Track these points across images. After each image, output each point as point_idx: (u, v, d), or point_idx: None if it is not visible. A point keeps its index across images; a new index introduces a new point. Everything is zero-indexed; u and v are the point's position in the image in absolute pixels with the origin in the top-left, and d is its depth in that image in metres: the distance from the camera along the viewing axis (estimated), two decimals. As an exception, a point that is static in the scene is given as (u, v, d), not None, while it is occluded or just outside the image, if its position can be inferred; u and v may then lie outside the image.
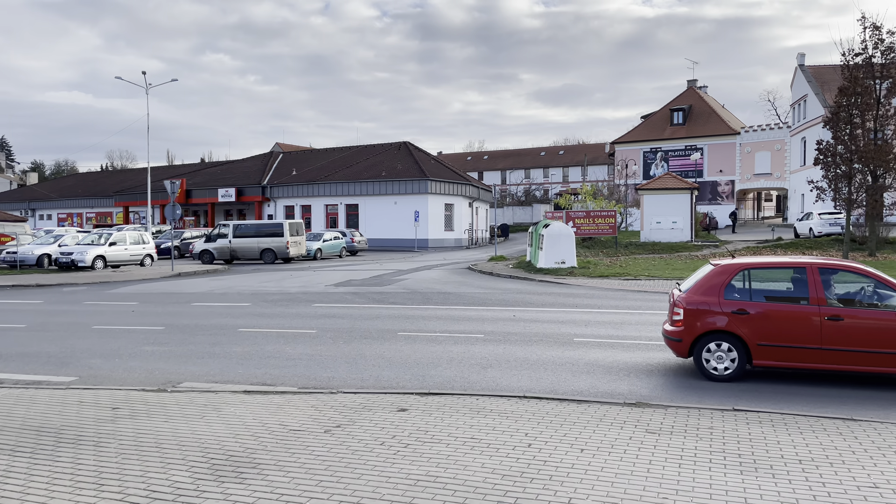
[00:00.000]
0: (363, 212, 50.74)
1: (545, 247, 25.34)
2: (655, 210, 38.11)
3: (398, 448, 5.97)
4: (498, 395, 7.82)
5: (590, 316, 14.50)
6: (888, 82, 28.12)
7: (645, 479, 5.15)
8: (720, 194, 59.18)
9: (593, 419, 6.78)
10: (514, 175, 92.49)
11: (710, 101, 64.95)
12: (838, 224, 33.33)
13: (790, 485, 5.03)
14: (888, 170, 27.40)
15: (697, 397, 7.98)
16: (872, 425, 6.52)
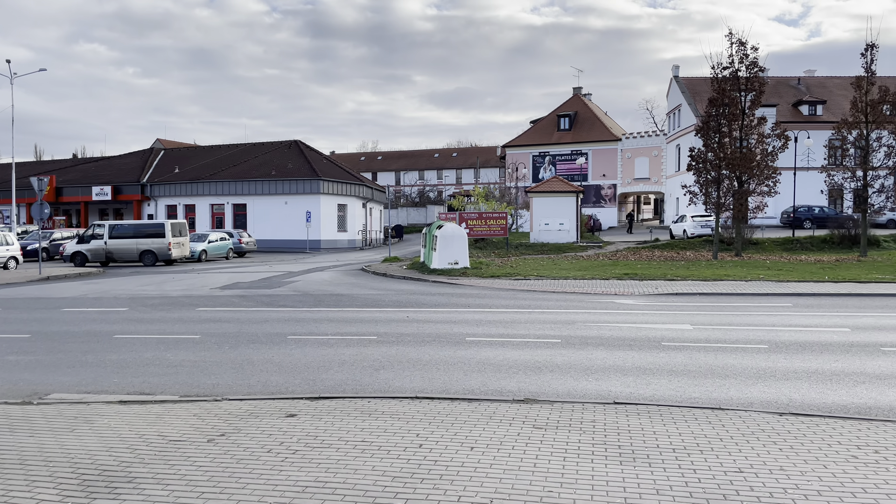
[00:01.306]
0: (252, 212, 49.21)
1: (439, 248, 25.56)
2: (544, 212, 39.39)
3: (286, 455, 5.81)
4: (390, 397, 7.78)
5: (482, 315, 14.76)
6: (752, 94, 30.47)
7: (531, 474, 5.29)
8: (603, 197, 61.98)
9: (483, 417, 6.89)
10: (408, 176, 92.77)
11: (594, 109, 67.91)
12: (709, 226, 35.73)
13: (665, 472, 5.32)
14: (752, 175, 29.68)
15: (581, 393, 8.29)
16: (738, 413, 7.01)
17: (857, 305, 15.89)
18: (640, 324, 13.33)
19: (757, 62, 30.14)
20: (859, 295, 17.62)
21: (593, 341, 11.39)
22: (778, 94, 50.90)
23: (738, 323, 13.38)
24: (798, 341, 11.20)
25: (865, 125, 29.16)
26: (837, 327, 12.61)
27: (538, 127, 66.78)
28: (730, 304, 16.36)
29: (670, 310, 15.45)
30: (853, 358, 9.91)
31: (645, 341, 11.36)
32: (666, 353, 10.37)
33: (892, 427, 6.50)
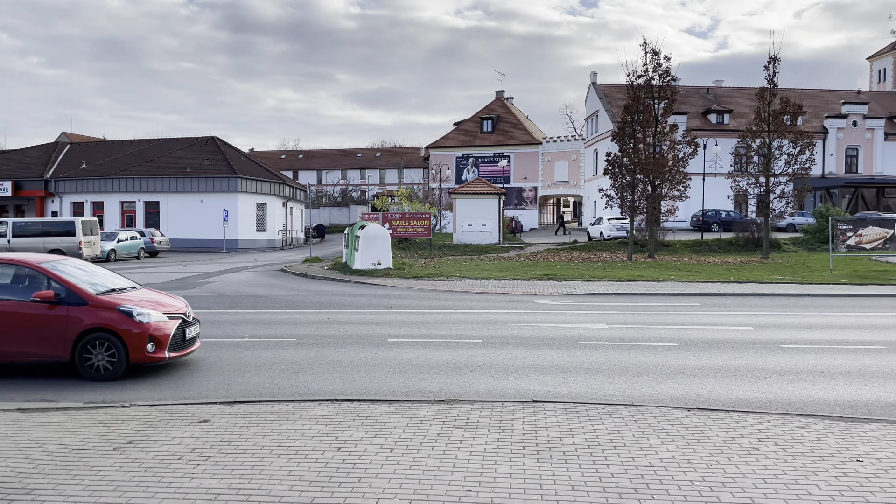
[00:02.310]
0: (165, 210, 47.36)
1: (361, 248, 25.35)
2: (467, 213, 39.72)
3: (198, 462, 5.61)
4: (308, 400, 7.64)
5: (404, 316, 14.72)
6: (665, 102, 31.71)
7: (451, 474, 5.30)
8: (525, 200, 63.09)
9: (404, 418, 6.87)
10: (331, 175, 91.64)
11: (516, 112, 69.04)
12: (624, 229, 36.93)
13: (580, 469, 5.45)
14: (664, 180, 30.88)
15: (501, 392, 8.37)
16: (649, 409, 7.26)
17: (759, 305, 16.78)
18: (559, 323, 13.63)
19: (669, 71, 31.41)
20: (761, 295, 18.62)
21: (514, 341, 11.56)
22: (689, 103, 53.20)
23: (651, 322, 13.88)
24: (705, 339, 11.72)
25: (768, 134, 30.85)
26: (741, 326, 13.28)
27: (462, 129, 67.31)
28: (643, 304, 16.96)
29: (587, 309, 15.87)
30: (756, 355, 10.46)
31: (563, 340, 11.62)
32: (583, 352, 10.64)
33: (790, 420, 6.88)
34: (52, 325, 8.78)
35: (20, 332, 8.78)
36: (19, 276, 9.23)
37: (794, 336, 12.10)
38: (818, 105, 54.98)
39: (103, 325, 8.80)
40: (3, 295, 9.02)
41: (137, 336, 8.79)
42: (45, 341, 8.79)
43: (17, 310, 8.86)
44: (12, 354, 8.89)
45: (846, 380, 8.91)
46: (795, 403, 7.82)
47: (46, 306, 8.83)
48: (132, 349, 8.79)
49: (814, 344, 11.33)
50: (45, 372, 9.33)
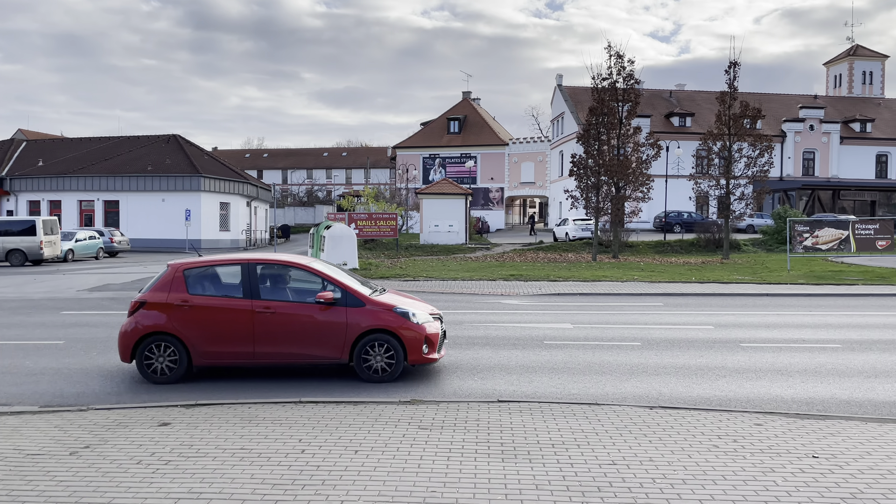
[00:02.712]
0: (125, 209, 46.37)
1: (327, 248, 25.15)
2: (434, 214, 39.72)
3: (158, 466, 5.50)
4: (272, 402, 7.55)
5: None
6: (629, 105, 32.13)
7: (415, 475, 5.29)
8: (491, 200, 63.33)
9: (369, 419, 6.83)
10: (296, 175, 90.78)
11: (483, 113, 69.28)
12: (589, 229, 37.34)
13: (544, 468, 5.48)
14: (628, 182, 31.29)
15: (467, 392, 8.39)
16: (613, 408, 7.34)
17: (719, 304, 17.10)
18: (525, 323, 13.70)
19: (633, 75, 31.83)
20: (722, 295, 18.98)
21: (480, 341, 11.59)
22: (652, 106, 54.02)
23: (615, 321, 14.04)
24: (668, 338, 11.90)
25: (728, 137, 31.48)
26: (702, 325, 13.51)
27: (428, 129, 67.29)
28: (607, 304, 17.14)
29: (553, 309, 15.99)
30: (716, 354, 10.65)
31: (529, 340, 11.68)
32: (548, 352, 10.71)
33: (749, 417, 7.02)
34: (332, 326, 8.69)
35: (302, 334, 8.70)
36: (296, 278, 9.22)
37: (753, 335, 12.36)
38: (777, 109, 56.33)
39: (382, 326, 8.73)
40: (284, 297, 8.96)
41: (414, 337, 8.77)
42: (325, 343, 8.71)
43: (298, 311, 8.77)
44: (294, 356, 8.79)
45: (803, 378, 9.13)
46: (754, 401, 7.99)
47: (326, 308, 8.74)
48: (410, 350, 8.76)
49: (772, 343, 11.59)
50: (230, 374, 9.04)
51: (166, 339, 8.63)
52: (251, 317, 8.62)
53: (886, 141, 56.91)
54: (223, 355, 8.74)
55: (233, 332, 8.64)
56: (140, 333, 8.66)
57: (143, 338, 8.66)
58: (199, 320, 8.62)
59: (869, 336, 12.22)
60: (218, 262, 9.43)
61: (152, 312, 8.72)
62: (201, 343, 8.61)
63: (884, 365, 9.85)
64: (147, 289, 9.03)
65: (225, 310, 8.70)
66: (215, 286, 9.05)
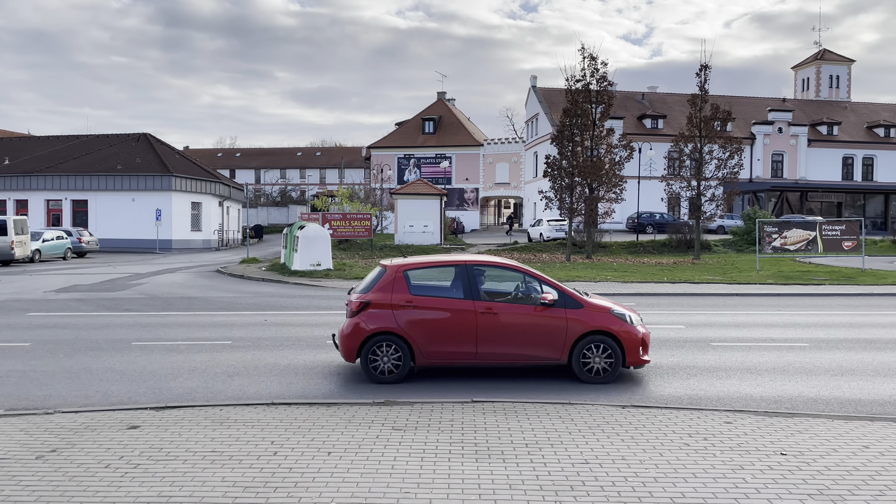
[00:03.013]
0: (94, 209, 45.56)
1: (300, 249, 24.97)
2: (409, 214, 39.63)
3: (127, 469, 5.41)
4: (244, 404, 7.47)
5: (343, 318, 14.55)
6: (602, 107, 32.38)
7: (389, 476, 5.27)
8: (466, 201, 63.43)
9: (342, 421, 6.79)
10: (270, 174, 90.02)
11: (458, 114, 69.36)
12: (563, 230, 37.56)
13: (517, 467, 5.49)
14: (601, 183, 31.54)
15: (440, 392, 8.38)
16: (585, 407, 7.39)
17: (690, 304, 17.32)
18: (499, 324, 13.71)
19: (606, 76, 32.08)
20: (693, 295, 19.23)
21: (453, 342, 11.56)
22: (625, 108, 54.54)
23: (588, 322, 14.12)
24: (640, 338, 12.00)
25: (699, 139, 31.90)
26: (674, 324, 13.67)
27: (403, 129, 67.18)
28: (581, 304, 17.25)
29: (527, 310, 16.03)
30: (687, 352, 10.78)
31: (502, 341, 11.68)
32: (522, 352, 10.72)
33: (719, 416, 7.12)
34: (552, 328, 8.77)
35: (523, 336, 8.78)
36: (510, 280, 9.32)
37: (723, 334, 12.53)
38: (746, 112, 57.26)
39: (602, 328, 8.79)
40: (502, 298, 9.04)
41: (632, 340, 8.83)
42: (545, 344, 8.79)
43: (519, 312, 8.86)
44: (514, 357, 8.88)
45: (771, 376, 9.28)
46: (724, 399, 8.10)
47: (544, 309, 8.82)
48: (629, 352, 8.81)
49: (741, 342, 11.77)
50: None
51: (391, 339, 8.69)
52: (474, 318, 8.72)
53: (852, 144, 58.17)
54: (446, 355, 8.82)
55: (456, 332, 8.73)
56: (366, 334, 8.69)
57: (368, 338, 8.69)
58: (423, 321, 8.73)
59: (835, 335, 12.47)
60: (435, 264, 9.59)
61: (377, 313, 8.75)
62: (426, 343, 8.70)
63: (850, 363, 10.06)
64: (364, 289, 9.08)
65: (449, 311, 8.80)
66: (435, 287, 9.22)
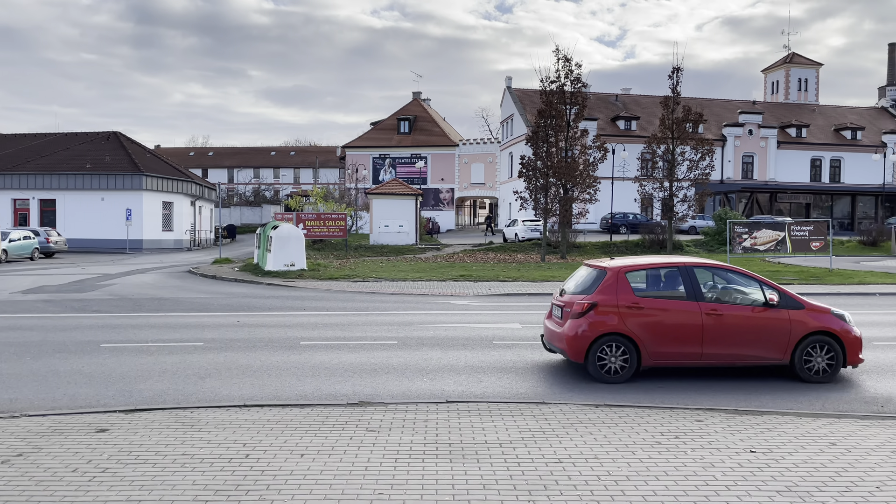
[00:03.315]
0: (62, 209, 44.71)
1: (274, 249, 24.77)
2: (384, 214, 39.54)
3: (95, 473, 5.31)
4: (215, 406, 7.38)
5: (318, 318, 14.48)
6: (576, 108, 32.60)
7: (363, 478, 5.24)
8: (442, 201, 63.44)
9: (316, 422, 6.74)
10: (243, 174, 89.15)
11: (433, 114, 69.35)
12: (538, 230, 37.76)
13: (492, 467, 5.50)
14: (576, 184, 31.77)
15: (416, 393, 8.37)
16: (559, 407, 7.43)
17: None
18: (474, 324, 13.76)
19: (580, 78, 32.31)
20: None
21: (429, 342, 11.58)
22: (598, 109, 54.99)
23: (562, 321, 14.21)
24: (613, 337, 12.09)
25: (672, 141, 32.30)
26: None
27: (378, 129, 66.98)
28: (555, 304, 17.35)
29: (502, 310, 16.10)
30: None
31: (478, 340, 11.73)
32: (497, 352, 10.78)
33: (690, 414, 7.20)
34: (775, 329, 8.90)
35: (747, 336, 8.90)
36: (728, 281, 9.45)
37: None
38: (717, 114, 58.07)
39: (824, 328, 8.93)
40: (725, 300, 9.16)
41: (853, 340, 8.99)
42: (768, 344, 8.91)
43: (742, 313, 9.00)
44: (738, 357, 8.98)
45: (742, 374, 9.41)
46: (695, 398, 8.19)
47: (766, 310, 8.96)
48: (850, 352, 8.96)
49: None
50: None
51: (619, 339, 8.82)
52: (700, 319, 8.82)
53: (820, 146, 59.31)
54: (673, 356, 8.92)
55: (683, 333, 8.84)
56: (595, 335, 8.81)
57: (596, 339, 8.80)
58: (650, 322, 8.86)
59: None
60: (655, 265, 9.73)
61: (605, 314, 8.87)
62: (652, 344, 8.81)
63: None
64: (580, 291, 9.28)
65: (675, 312, 8.93)
66: (658, 288, 9.39)
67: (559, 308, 9.42)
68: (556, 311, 9.53)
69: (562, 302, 9.40)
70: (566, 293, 9.55)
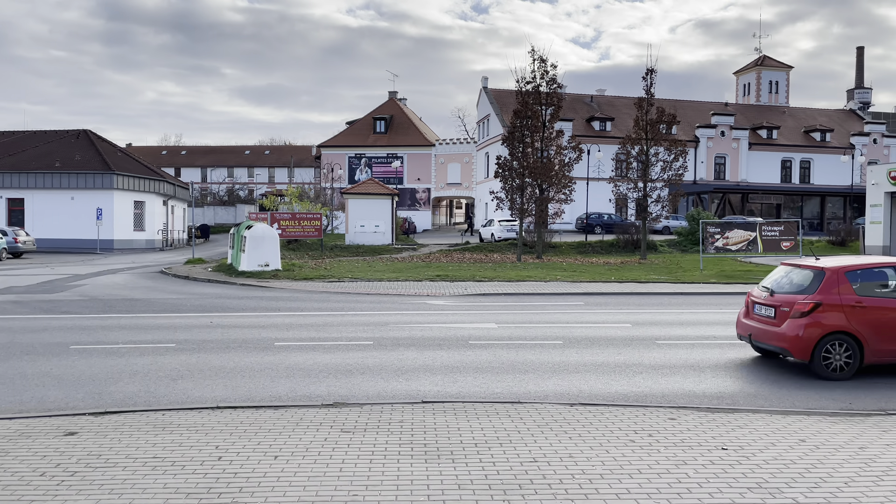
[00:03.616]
0: (31, 208, 43.83)
1: (248, 249, 24.53)
2: (360, 214, 39.38)
3: (63, 478, 5.21)
4: (188, 409, 7.29)
5: (293, 319, 14.37)
6: (552, 109, 32.76)
7: (337, 479, 5.21)
8: (418, 201, 63.38)
9: (290, 424, 6.68)
10: (217, 173, 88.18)
11: (410, 113, 69.24)
12: (514, 230, 37.89)
13: (467, 467, 5.50)
14: (551, 184, 31.93)
15: (391, 394, 8.34)
16: (535, 406, 7.45)
17: (637, 303, 17.68)
18: (450, 324, 13.76)
19: (556, 79, 32.47)
20: (639, 294, 19.63)
21: (405, 342, 11.55)
22: (574, 110, 55.34)
23: (538, 321, 14.29)
24: (588, 336, 12.21)
25: (646, 142, 32.60)
26: (621, 323, 13.93)
27: (354, 128, 66.69)
28: (531, 304, 17.44)
29: (478, 309, 16.13)
30: (633, 351, 10.99)
31: (454, 340, 11.73)
32: (472, 351, 10.79)
33: (663, 412, 7.28)
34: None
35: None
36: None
37: (669, 332, 12.83)
38: (690, 115, 58.77)
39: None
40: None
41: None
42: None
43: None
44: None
45: (714, 372, 9.54)
46: (668, 396, 8.29)
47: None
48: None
49: (686, 340, 12.06)
50: None
51: (844, 338, 9.07)
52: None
53: (790, 147, 60.33)
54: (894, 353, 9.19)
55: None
56: (821, 333, 9.04)
57: (823, 337, 9.03)
58: (874, 320, 9.11)
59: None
60: (874, 265, 9.89)
61: (830, 313, 9.11)
62: (876, 342, 9.05)
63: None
64: (802, 290, 9.45)
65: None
66: (878, 287, 9.59)
67: (769, 307, 9.72)
68: (763, 310, 9.85)
69: (773, 302, 9.68)
70: (775, 293, 9.82)
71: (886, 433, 6.59)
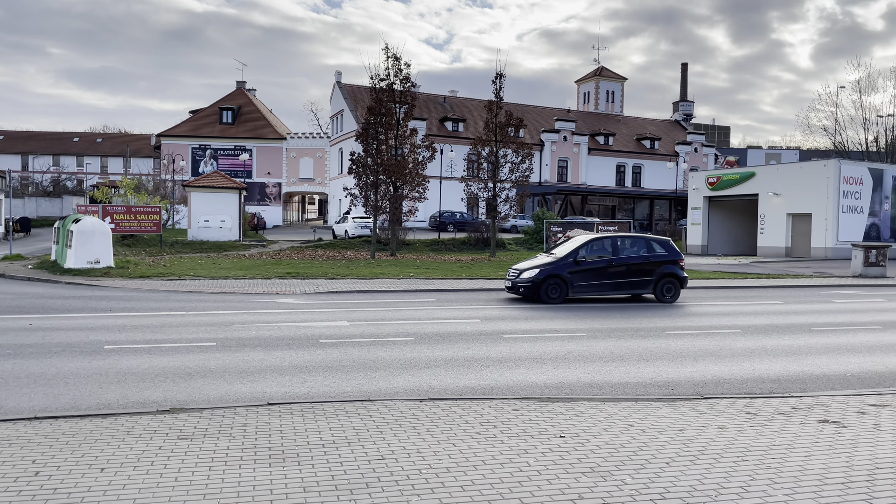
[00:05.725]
0: None
1: (75, 244, 22.50)
2: (204, 208, 37.45)
3: None
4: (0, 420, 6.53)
5: (126, 320, 13.36)
6: (405, 107, 33.02)
7: (172, 490, 4.88)
8: (268, 196, 61.40)
9: (119, 433, 6.18)
10: (40, 161, 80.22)
11: (259, 105, 66.89)
12: (368, 227, 37.77)
13: (313, 469, 5.37)
14: (405, 182, 32.18)
15: (235, 397, 7.98)
16: (384, 403, 7.44)
17: (486, 299, 18.23)
18: (300, 322, 13.43)
19: (410, 78, 32.77)
20: (488, 290, 20.27)
21: (251, 342, 11.12)
22: (428, 110, 56.15)
23: (390, 318, 14.32)
24: (439, 332, 12.41)
25: (495, 143, 33.76)
26: (470, 319, 14.30)
27: (199, 118, 63.32)
28: (383, 301, 17.45)
29: (330, 307, 15.88)
30: (481, 345, 11.32)
31: (304, 339, 11.46)
32: (323, 350, 10.59)
33: (508, 404, 7.54)
34: None
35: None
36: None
37: (514, 327, 13.35)
38: (536, 120, 61.71)
39: None
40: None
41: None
42: None
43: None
44: None
45: (554, 364, 10.04)
46: (513, 388, 8.60)
47: None
48: None
49: (530, 334, 12.61)
50: None
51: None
52: None
53: (624, 153, 65.10)
54: None
55: None
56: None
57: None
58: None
59: (608, 325, 13.82)
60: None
61: None
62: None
63: (620, 350, 11.19)
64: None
65: None
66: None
67: None
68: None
69: None
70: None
71: (702, 415, 7.26)
